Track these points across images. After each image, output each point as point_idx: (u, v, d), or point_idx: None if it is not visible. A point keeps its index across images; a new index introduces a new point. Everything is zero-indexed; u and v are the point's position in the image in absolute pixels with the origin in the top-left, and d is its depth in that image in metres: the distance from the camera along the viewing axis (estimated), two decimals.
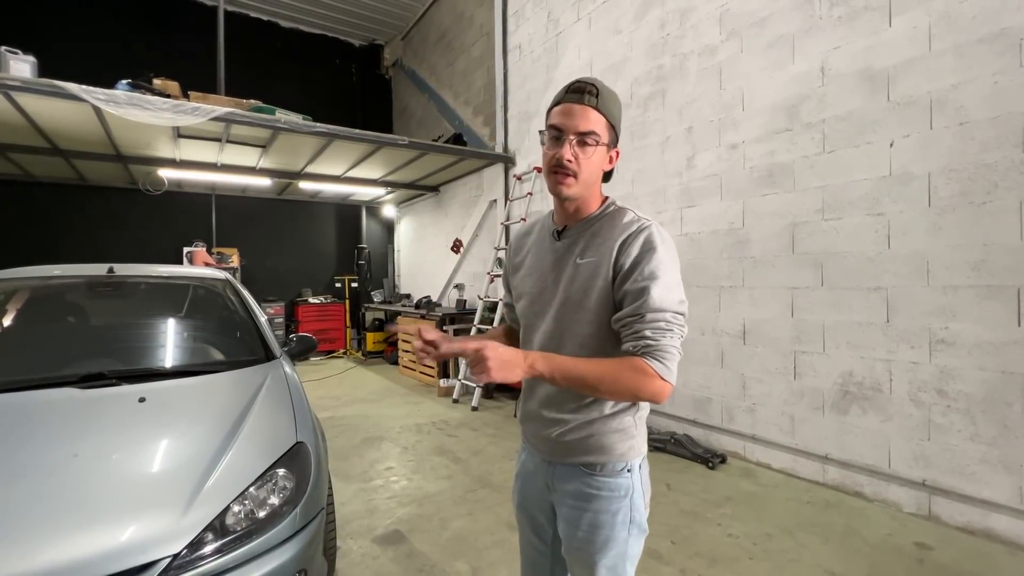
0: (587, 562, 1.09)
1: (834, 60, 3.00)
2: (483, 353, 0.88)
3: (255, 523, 1.49)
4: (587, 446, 1.08)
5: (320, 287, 8.99)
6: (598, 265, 1.04)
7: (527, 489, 1.24)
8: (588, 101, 1.02)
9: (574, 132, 1.02)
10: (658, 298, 0.96)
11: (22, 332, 2.28)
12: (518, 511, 1.28)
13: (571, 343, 1.07)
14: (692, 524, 2.64)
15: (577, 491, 1.09)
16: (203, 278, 2.85)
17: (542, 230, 1.21)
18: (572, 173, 1.03)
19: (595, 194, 1.11)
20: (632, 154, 4.36)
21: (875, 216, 2.84)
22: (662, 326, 0.96)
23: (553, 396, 1.11)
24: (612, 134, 1.07)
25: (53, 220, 6.91)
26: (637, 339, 0.96)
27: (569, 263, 1.09)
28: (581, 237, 1.09)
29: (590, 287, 1.04)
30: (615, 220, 1.07)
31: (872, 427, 2.86)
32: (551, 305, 1.10)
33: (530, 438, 1.21)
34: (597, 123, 1.03)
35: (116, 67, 5.20)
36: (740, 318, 3.55)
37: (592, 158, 1.04)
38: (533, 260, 1.19)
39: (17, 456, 1.45)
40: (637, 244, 1.01)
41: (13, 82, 3.55)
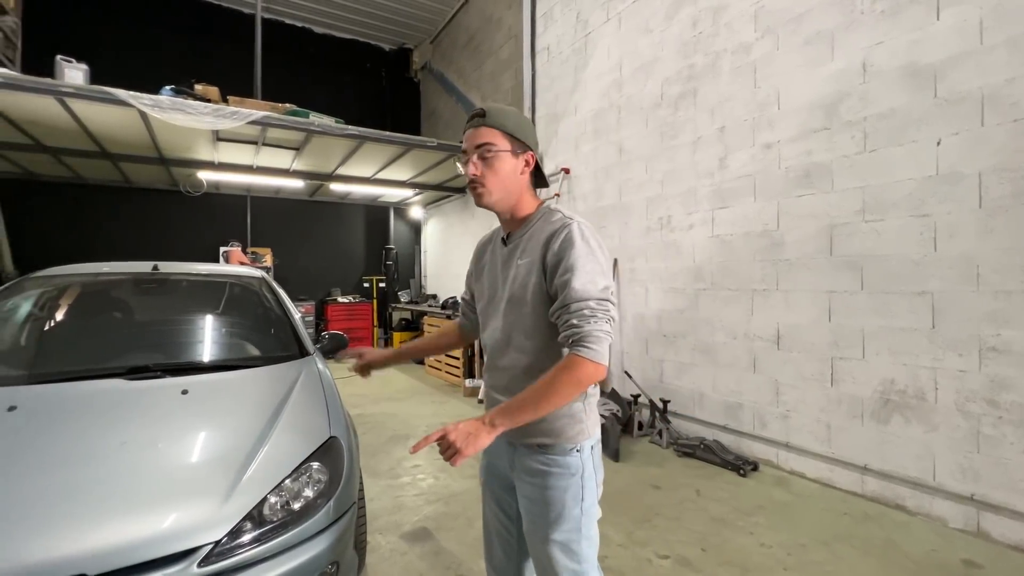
0: (542, 537, 1.19)
1: (876, 56, 2.89)
2: (447, 439, 1.01)
3: (290, 514, 1.52)
4: (540, 429, 1.19)
5: (349, 287, 9.17)
6: (532, 263, 1.17)
7: (493, 468, 1.36)
8: (476, 123, 1.19)
9: (472, 149, 1.18)
10: (580, 288, 1.07)
11: (74, 325, 2.40)
12: (484, 489, 1.41)
13: (519, 334, 1.21)
14: (722, 531, 2.58)
15: (532, 468, 1.21)
16: (241, 276, 2.94)
17: (495, 238, 1.37)
18: (481, 183, 1.17)
19: (525, 200, 1.24)
20: (662, 154, 4.31)
21: (920, 217, 2.72)
22: (586, 313, 1.06)
23: (509, 384, 1.22)
24: (513, 142, 1.19)
25: (101, 220, 7.25)
26: (566, 329, 1.09)
27: (512, 264, 1.23)
28: (521, 240, 1.24)
29: (527, 283, 1.17)
30: (545, 220, 1.21)
31: (916, 437, 2.74)
32: (500, 302, 1.25)
33: None
34: (488, 135, 1.17)
35: (160, 73, 5.44)
36: (773, 322, 3.45)
37: (495, 165, 1.17)
38: (489, 265, 1.35)
39: (71, 442, 1.53)
40: (559, 241, 1.12)
41: (67, 89, 3.75)
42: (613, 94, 4.85)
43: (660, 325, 4.33)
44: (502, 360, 1.25)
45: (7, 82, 3.52)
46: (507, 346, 1.23)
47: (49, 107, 4.08)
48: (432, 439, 1.03)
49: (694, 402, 4.02)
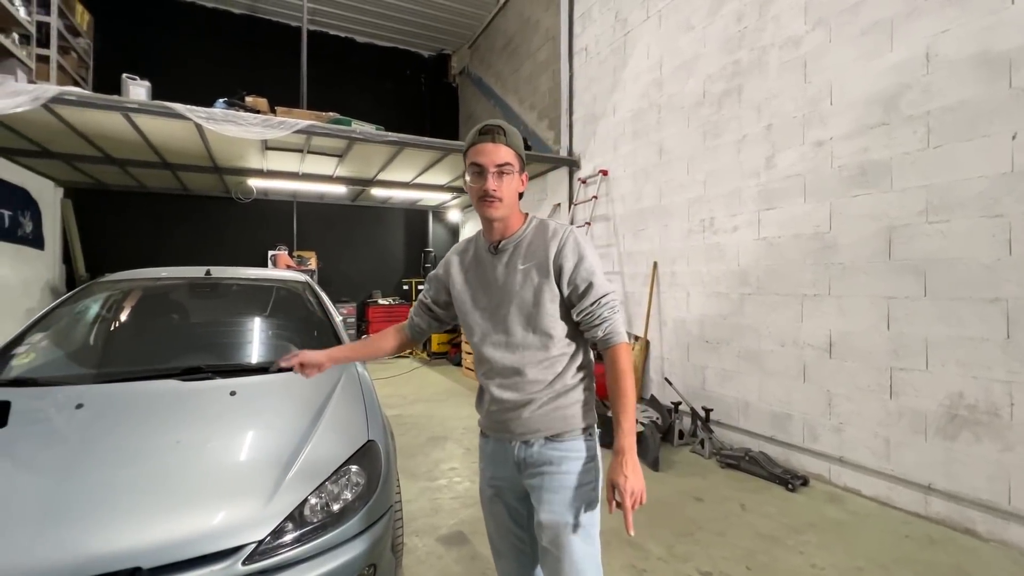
0: (560, 522, 1.21)
1: (942, 45, 2.69)
2: (634, 496, 1.16)
3: (330, 516, 1.55)
4: (555, 418, 1.27)
5: (389, 289, 9.38)
6: (538, 266, 1.28)
7: (498, 477, 1.36)
8: (498, 139, 1.25)
9: (493, 166, 1.24)
10: (601, 285, 1.27)
11: (135, 328, 2.56)
12: (492, 503, 1.39)
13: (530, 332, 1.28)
14: (770, 549, 2.46)
15: (549, 457, 1.26)
16: (286, 280, 3.05)
17: (477, 248, 1.41)
18: (498, 199, 1.25)
19: (517, 213, 1.34)
20: (704, 154, 4.17)
21: (993, 218, 2.51)
22: (612, 305, 1.27)
23: (516, 382, 1.28)
24: (521, 163, 1.31)
25: (162, 226, 7.72)
26: (599, 321, 1.26)
27: (512, 269, 1.31)
28: (517, 248, 1.32)
29: (539, 285, 1.27)
30: (541, 230, 1.32)
31: (988, 456, 2.53)
32: (506, 304, 1.30)
33: (497, 427, 1.34)
34: (508, 155, 1.25)
35: (215, 86, 5.73)
36: (825, 329, 3.27)
37: (511, 184, 1.27)
38: (476, 275, 1.38)
39: (131, 440, 1.62)
40: (569, 249, 1.27)
41: (131, 104, 4.01)
42: (653, 93, 4.74)
43: (702, 330, 4.19)
44: (509, 359, 1.29)
45: (79, 100, 3.79)
46: (518, 345, 1.29)
47: (116, 122, 4.37)
48: (628, 504, 1.15)
49: (738, 411, 3.87)
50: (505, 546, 1.40)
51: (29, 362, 2.13)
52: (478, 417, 1.44)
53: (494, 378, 1.32)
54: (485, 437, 1.42)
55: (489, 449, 1.39)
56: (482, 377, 1.37)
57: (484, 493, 1.42)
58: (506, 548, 1.40)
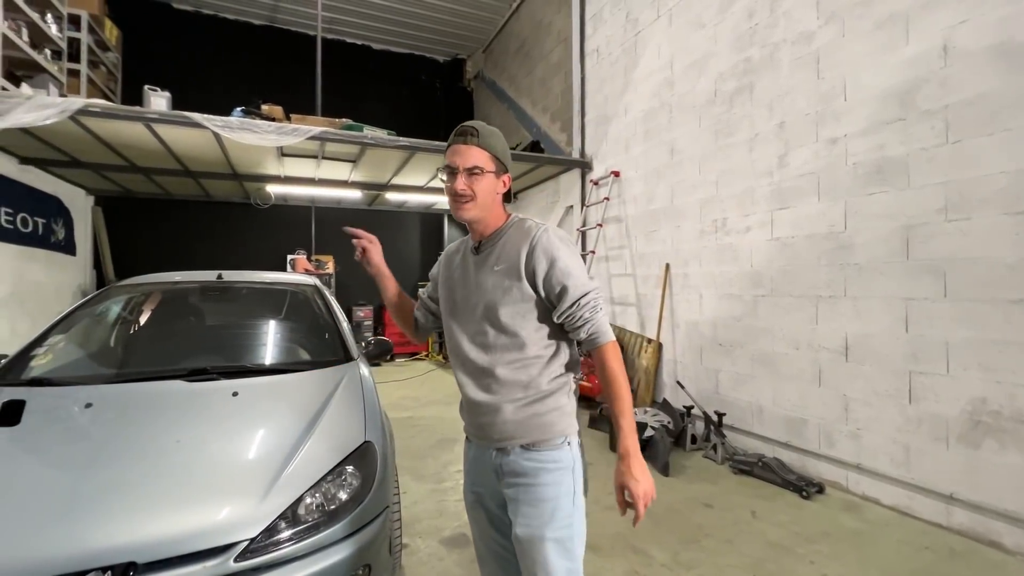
0: (538, 537, 1.18)
1: (960, 36, 2.59)
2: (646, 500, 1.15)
3: (324, 515, 1.57)
4: (530, 425, 1.23)
5: (406, 291, 9.41)
6: (510, 268, 1.25)
7: (479, 483, 1.34)
8: (470, 141, 1.25)
9: (463, 168, 1.24)
10: (581, 285, 1.22)
11: (147, 330, 2.64)
12: (473, 509, 1.37)
13: (499, 333, 1.25)
14: (780, 559, 2.39)
15: (523, 467, 1.22)
16: (294, 284, 3.11)
17: (464, 248, 1.41)
18: (469, 198, 1.24)
19: (497, 213, 1.33)
20: (716, 154, 4.10)
21: (1016, 215, 2.40)
22: (593, 304, 1.22)
23: (489, 384, 1.26)
24: (498, 164, 1.28)
25: (186, 231, 7.97)
26: (581, 322, 1.22)
27: (487, 270, 1.29)
28: (494, 249, 1.31)
29: (508, 287, 1.24)
30: (517, 230, 1.29)
31: (1015, 465, 2.41)
32: (477, 308, 1.29)
33: (476, 431, 1.32)
34: (479, 157, 1.25)
35: (233, 95, 5.89)
36: (841, 331, 3.17)
37: (481, 185, 1.25)
38: (459, 273, 1.39)
39: (134, 439, 1.67)
40: (540, 250, 1.22)
41: (152, 115, 4.16)
42: (664, 93, 4.69)
43: (715, 333, 4.11)
44: (481, 359, 1.28)
45: (103, 111, 3.95)
46: (490, 345, 1.27)
47: (138, 132, 4.53)
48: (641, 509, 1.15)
49: (752, 416, 3.78)
50: (488, 553, 1.38)
51: (47, 363, 2.22)
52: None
53: (468, 378, 1.31)
54: (468, 441, 1.41)
55: (471, 454, 1.38)
56: (458, 377, 1.36)
57: (467, 498, 1.41)
58: (489, 555, 1.38)
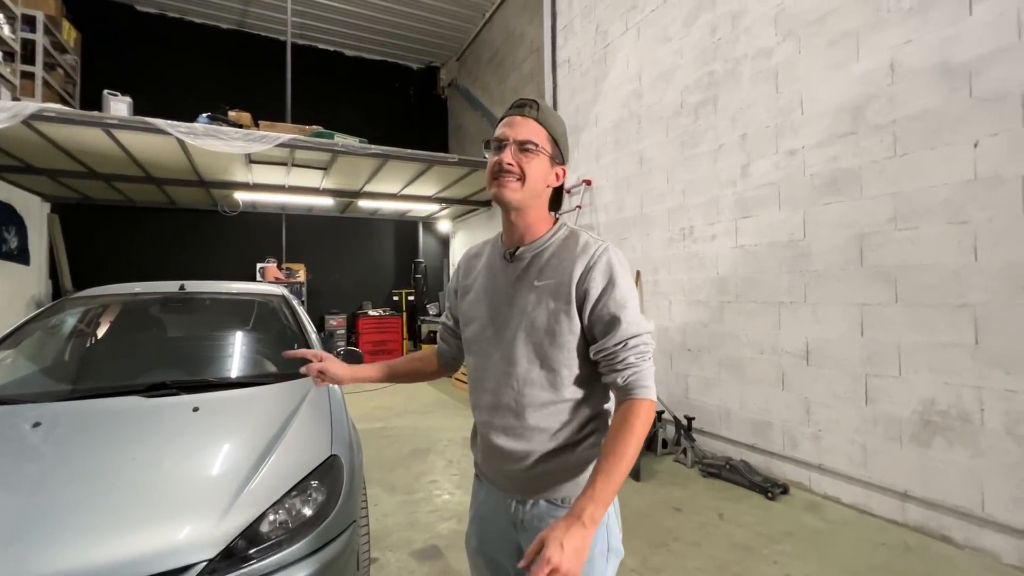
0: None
1: (905, 55, 2.74)
2: (559, 571, 0.81)
3: (287, 532, 1.54)
4: (558, 477, 1.04)
5: (379, 300, 9.37)
6: (558, 286, 1.03)
7: (488, 532, 1.16)
8: (528, 113, 1.05)
9: (514, 140, 1.03)
10: (633, 322, 0.99)
11: (102, 344, 2.54)
12: (476, 556, 1.19)
13: (535, 367, 1.04)
14: (745, 560, 2.44)
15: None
16: (261, 294, 3.05)
17: (492, 252, 1.17)
18: (516, 176, 1.02)
19: (543, 214, 1.11)
20: (683, 164, 4.21)
21: (958, 225, 2.54)
22: (642, 349, 1.00)
23: (515, 426, 1.05)
24: (555, 148, 1.07)
25: (150, 240, 7.72)
26: (624, 367, 0.99)
27: (525, 285, 1.06)
28: (536, 259, 1.08)
29: (554, 311, 1.02)
30: (570, 242, 1.07)
31: (961, 463, 2.53)
32: (507, 329, 1.07)
33: (492, 474, 1.14)
34: (537, 133, 1.04)
35: (199, 100, 5.77)
36: (802, 337, 3.28)
37: (533, 164, 1.03)
38: (483, 283, 1.15)
39: (85, 458, 1.60)
40: (599, 270, 1.01)
41: (112, 120, 4.03)
42: (633, 104, 4.79)
43: (684, 339, 4.19)
44: (508, 396, 1.06)
45: (59, 116, 3.82)
46: (519, 380, 1.05)
47: (98, 138, 4.39)
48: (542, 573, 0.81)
49: (720, 419, 3.86)
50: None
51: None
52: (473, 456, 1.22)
53: (488, 417, 1.10)
54: (479, 480, 1.21)
55: (482, 495, 1.19)
56: (475, 411, 1.16)
57: (469, 542, 1.22)
58: None
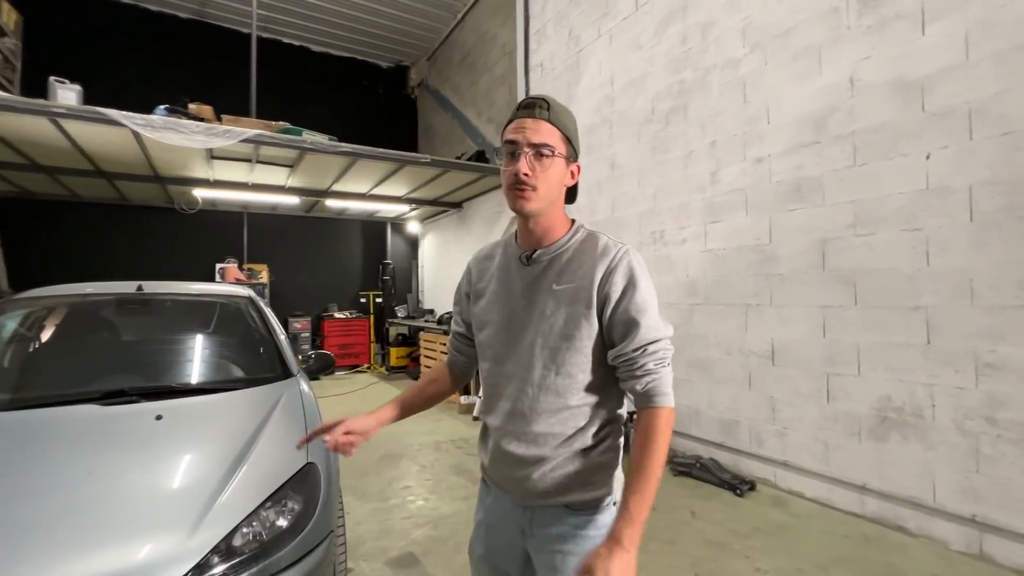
0: None
1: (864, 71, 2.89)
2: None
3: (262, 546, 1.47)
4: (571, 484, 1.03)
5: (345, 302, 9.14)
6: (578, 290, 1.01)
7: (495, 538, 1.14)
8: (540, 114, 1.01)
9: (528, 144, 1.00)
10: (653, 327, 0.99)
11: (53, 349, 2.36)
12: (480, 563, 1.17)
13: (552, 373, 1.02)
14: (718, 556, 2.51)
15: (563, 535, 1.03)
16: (226, 296, 2.91)
17: (506, 255, 1.15)
18: (531, 187, 1.00)
19: (560, 216, 1.09)
20: (654, 169, 4.30)
21: (912, 231, 2.69)
22: (661, 355, 0.99)
23: (528, 432, 1.04)
24: (569, 147, 1.05)
25: (98, 238, 7.26)
26: (643, 373, 0.99)
27: (543, 289, 1.05)
28: (554, 262, 1.06)
29: (574, 315, 1.01)
30: (588, 245, 1.06)
31: (914, 456, 2.68)
32: (524, 335, 1.05)
33: (500, 480, 1.11)
34: (551, 135, 1.01)
35: (156, 91, 5.48)
36: (768, 338, 3.40)
37: (550, 171, 1.01)
38: (498, 287, 1.13)
39: (34, 473, 1.48)
40: (620, 274, 1.01)
41: (59, 109, 3.77)
42: (605, 109, 4.87)
43: None
44: (522, 402, 1.04)
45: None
46: (534, 386, 1.03)
47: (43, 127, 4.10)
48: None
49: (690, 419, 3.96)
50: None
51: None
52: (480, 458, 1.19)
53: (499, 422, 1.08)
54: (486, 485, 1.19)
55: (489, 501, 1.16)
56: (485, 415, 1.14)
57: (473, 549, 1.19)
58: None
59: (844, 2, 2.98)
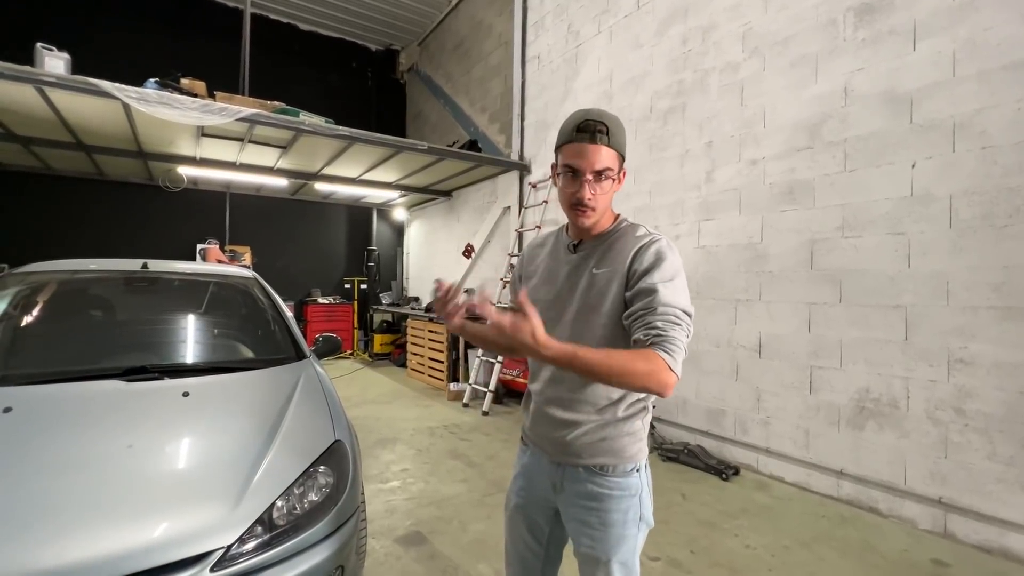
0: (601, 560, 1.15)
1: (857, 81, 3.06)
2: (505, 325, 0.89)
3: (298, 519, 1.52)
4: (600, 448, 1.15)
5: (329, 288, 9.04)
6: (613, 273, 1.12)
7: (530, 491, 1.29)
8: (600, 139, 1.07)
9: (591, 171, 1.08)
10: (670, 295, 1.02)
11: (65, 324, 2.32)
12: (515, 512, 1.32)
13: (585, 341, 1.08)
14: (710, 534, 2.67)
15: (589, 492, 1.16)
16: (234, 276, 2.90)
17: (557, 243, 1.29)
18: (592, 208, 1.11)
19: (608, 213, 1.21)
20: (651, 166, 4.42)
21: (896, 235, 2.88)
22: (672, 320, 1.00)
23: (566, 398, 1.17)
24: (620, 162, 1.14)
25: (71, 213, 6.97)
26: (648, 329, 0.99)
27: (585, 273, 1.17)
28: (597, 250, 1.18)
29: (606, 292, 1.12)
30: (629, 233, 1.16)
31: (888, 443, 2.90)
32: (567, 311, 1.17)
33: (538, 440, 1.26)
34: (609, 158, 1.09)
35: (141, 65, 5.29)
36: (756, 332, 3.58)
37: (609, 192, 1.13)
38: (546, 270, 1.27)
39: (74, 446, 1.49)
40: (650, 252, 1.08)
41: (48, 78, 3.62)
42: (603, 105, 4.95)
43: None
44: (560, 371, 1.13)
45: None
46: None
47: (26, 96, 3.92)
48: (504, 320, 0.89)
49: (678, 408, 4.13)
50: (515, 555, 1.34)
51: None
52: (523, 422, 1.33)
53: (541, 387, 1.22)
54: (524, 445, 1.34)
55: (526, 459, 1.32)
56: (532, 382, 1.27)
57: (509, 500, 1.35)
58: (516, 558, 1.34)
59: (842, 15, 3.13)
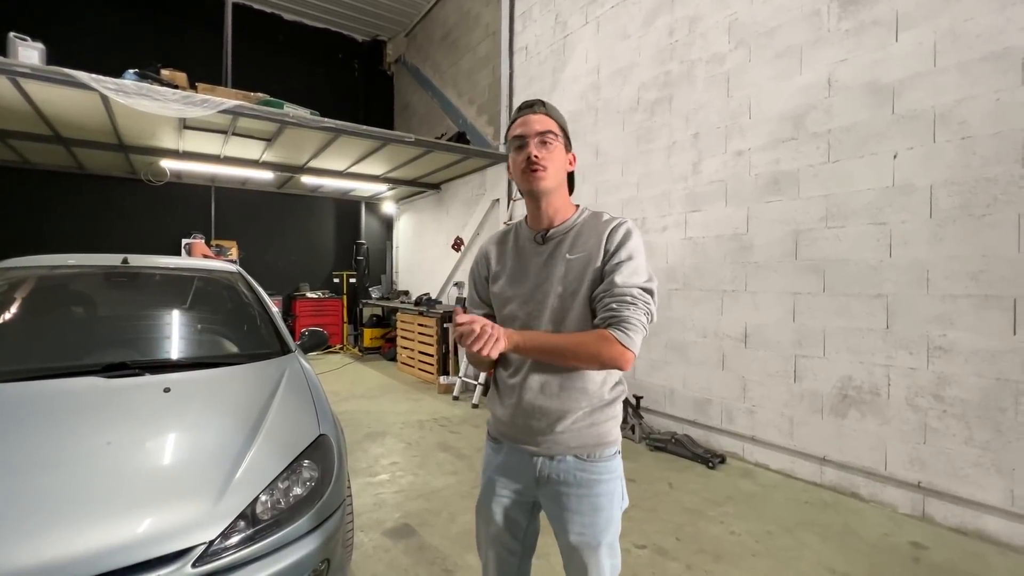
0: (591, 544, 1.19)
1: (841, 72, 3.07)
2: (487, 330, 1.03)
3: (283, 513, 1.51)
4: (589, 435, 1.19)
5: (318, 282, 8.97)
6: (589, 256, 1.16)
7: (506, 486, 1.28)
8: (539, 109, 1.20)
9: (535, 134, 1.17)
10: (627, 276, 1.11)
11: (43, 320, 2.28)
12: (490, 512, 1.30)
13: (571, 327, 1.17)
14: (695, 522, 2.70)
15: (576, 479, 1.19)
16: (217, 271, 2.86)
17: (518, 238, 1.30)
18: (542, 166, 1.16)
19: (566, 199, 1.26)
20: (638, 158, 4.42)
21: (877, 225, 2.92)
22: (627, 300, 1.09)
23: (554, 388, 1.18)
24: (564, 138, 1.23)
25: (50, 207, 6.84)
26: (604, 311, 1.11)
27: (559, 260, 1.19)
28: (567, 236, 1.22)
29: (583, 276, 1.16)
30: (595, 220, 1.22)
31: (870, 430, 2.95)
32: (547, 300, 1.19)
33: (518, 434, 1.24)
34: (550, 124, 1.19)
35: (120, 56, 5.18)
36: (742, 322, 3.62)
37: (554, 153, 1.18)
38: (514, 266, 1.27)
39: (50, 443, 1.47)
40: (618, 234, 1.16)
41: (22, 68, 3.53)
42: (590, 96, 4.94)
43: None
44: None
45: None
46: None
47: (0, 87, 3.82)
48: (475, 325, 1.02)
49: (665, 398, 4.17)
50: (491, 554, 1.34)
51: None
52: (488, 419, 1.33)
53: (529, 380, 1.20)
54: (496, 443, 1.32)
55: (500, 459, 1.29)
56: (511, 377, 1.24)
57: (483, 500, 1.33)
58: (493, 559, 1.34)
59: (826, 5, 3.14)
